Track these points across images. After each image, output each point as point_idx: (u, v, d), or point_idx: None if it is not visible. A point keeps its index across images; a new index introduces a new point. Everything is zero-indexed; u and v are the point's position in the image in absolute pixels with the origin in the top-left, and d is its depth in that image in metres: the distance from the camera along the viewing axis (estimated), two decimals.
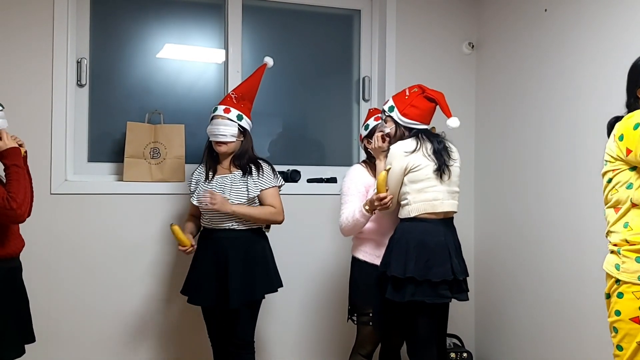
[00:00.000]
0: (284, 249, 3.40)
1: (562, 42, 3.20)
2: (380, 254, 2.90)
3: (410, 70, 3.78)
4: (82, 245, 3.24)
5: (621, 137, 2.02)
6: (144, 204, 3.34)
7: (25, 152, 2.55)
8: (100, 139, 3.42)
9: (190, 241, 2.97)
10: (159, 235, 3.31)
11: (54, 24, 3.18)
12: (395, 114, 2.87)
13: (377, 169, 2.95)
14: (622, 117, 2.08)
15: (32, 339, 2.60)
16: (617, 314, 2.01)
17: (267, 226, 3.12)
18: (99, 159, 3.40)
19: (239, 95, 3.04)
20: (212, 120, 2.99)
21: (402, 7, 3.81)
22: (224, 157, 3.02)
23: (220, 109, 2.98)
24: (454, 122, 2.84)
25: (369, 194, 2.92)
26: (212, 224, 2.98)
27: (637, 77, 2.12)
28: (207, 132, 3.00)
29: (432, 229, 2.76)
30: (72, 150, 3.30)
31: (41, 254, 3.11)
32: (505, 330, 3.65)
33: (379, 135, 2.95)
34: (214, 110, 3.01)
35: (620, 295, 2.00)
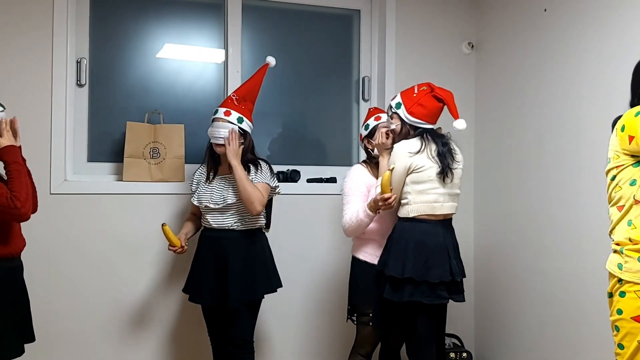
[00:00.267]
0: (284, 249, 3.41)
1: (562, 42, 3.20)
2: (379, 254, 2.90)
3: (409, 70, 3.78)
4: (82, 245, 3.24)
5: (623, 128, 2.02)
6: (143, 204, 3.33)
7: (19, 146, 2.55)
8: (99, 138, 3.41)
9: (180, 242, 2.96)
10: (158, 235, 3.29)
11: (54, 24, 3.18)
12: (401, 111, 2.83)
13: (380, 165, 2.93)
14: None
15: (32, 338, 2.61)
16: (619, 312, 2.01)
17: (267, 226, 3.13)
18: (99, 159, 3.40)
19: (240, 96, 3.04)
20: (212, 122, 2.99)
21: (402, 7, 3.82)
22: (224, 158, 3.02)
23: (220, 112, 2.98)
24: (460, 124, 2.80)
25: (371, 193, 2.91)
26: (212, 224, 2.98)
27: None
28: (207, 134, 3.00)
29: (431, 229, 2.75)
30: (72, 150, 3.30)
31: (41, 254, 3.10)
32: (504, 330, 3.66)
33: (383, 131, 2.93)
34: (215, 112, 3.00)
35: (622, 294, 2.00)
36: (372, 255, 2.96)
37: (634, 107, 2.08)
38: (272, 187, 3.01)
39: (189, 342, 3.41)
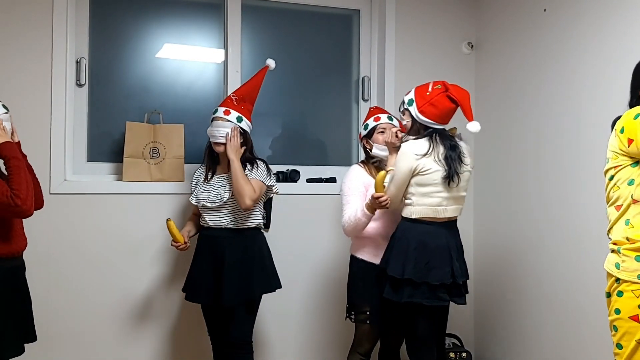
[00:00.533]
0: (283, 248, 3.41)
1: (562, 42, 3.20)
2: (377, 253, 2.91)
3: (409, 70, 3.78)
4: (82, 245, 3.24)
5: (622, 130, 2.02)
6: (143, 204, 3.34)
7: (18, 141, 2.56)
8: (99, 138, 3.42)
9: (183, 238, 2.97)
10: (158, 235, 3.31)
11: (53, 24, 3.18)
12: (413, 109, 2.78)
13: (388, 163, 2.91)
14: None
15: (33, 338, 2.60)
16: (617, 312, 2.02)
17: (267, 226, 3.13)
18: (98, 159, 3.40)
19: (239, 97, 3.05)
20: (212, 121, 3.00)
21: (401, 7, 3.82)
22: (223, 157, 3.02)
23: (220, 111, 2.99)
24: (474, 126, 2.74)
25: (369, 193, 2.91)
26: (209, 223, 2.99)
27: None
28: (207, 133, 3.01)
29: (433, 231, 2.74)
30: (72, 150, 3.30)
31: (40, 254, 3.10)
32: (504, 330, 3.65)
33: (394, 130, 2.91)
34: (214, 112, 3.01)
35: (620, 293, 2.01)
36: (370, 254, 2.97)
37: (633, 107, 2.08)
38: (268, 186, 3.01)
39: (189, 341, 3.42)
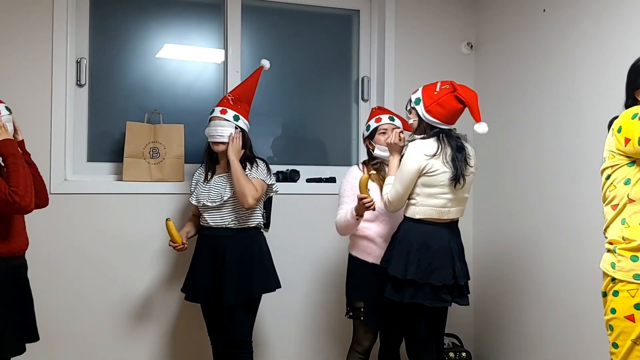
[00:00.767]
0: (283, 248, 3.41)
1: (561, 42, 3.20)
2: (372, 252, 2.93)
3: (409, 70, 3.79)
4: (82, 245, 3.25)
5: (619, 129, 2.03)
6: (143, 204, 3.34)
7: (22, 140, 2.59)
8: (99, 138, 3.42)
9: (181, 239, 2.98)
10: (158, 235, 3.31)
11: (54, 24, 3.19)
12: (420, 108, 2.75)
13: (390, 165, 2.87)
14: None
15: (35, 337, 2.60)
16: (613, 311, 2.02)
17: (267, 226, 3.13)
18: (99, 159, 3.41)
19: (235, 97, 3.06)
20: (210, 121, 3.01)
21: (401, 7, 3.82)
22: (222, 156, 3.03)
23: (217, 111, 3.01)
24: (481, 127, 2.68)
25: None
26: (209, 223, 2.99)
27: (636, 78, 2.13)
28: (205, 133, 3.02)
29: (436, 232, 2.74)
30: (72, 150, 3.31)
31: (40, 253, 3.10)
32: (504, 329, 3.66)
33: (397, 131, 2.89)
34: (212, 112, 3.03)
35: (615, 293, 2.01)
36: (364, 252, 2.98)
37: (629, 108, 2.09)
38: (268, 185, 3.02)
39: (188, 341, 3.42)
